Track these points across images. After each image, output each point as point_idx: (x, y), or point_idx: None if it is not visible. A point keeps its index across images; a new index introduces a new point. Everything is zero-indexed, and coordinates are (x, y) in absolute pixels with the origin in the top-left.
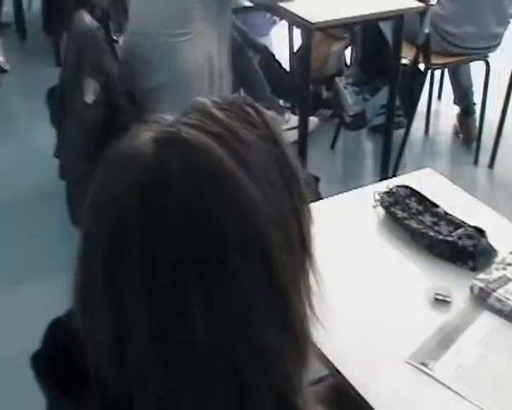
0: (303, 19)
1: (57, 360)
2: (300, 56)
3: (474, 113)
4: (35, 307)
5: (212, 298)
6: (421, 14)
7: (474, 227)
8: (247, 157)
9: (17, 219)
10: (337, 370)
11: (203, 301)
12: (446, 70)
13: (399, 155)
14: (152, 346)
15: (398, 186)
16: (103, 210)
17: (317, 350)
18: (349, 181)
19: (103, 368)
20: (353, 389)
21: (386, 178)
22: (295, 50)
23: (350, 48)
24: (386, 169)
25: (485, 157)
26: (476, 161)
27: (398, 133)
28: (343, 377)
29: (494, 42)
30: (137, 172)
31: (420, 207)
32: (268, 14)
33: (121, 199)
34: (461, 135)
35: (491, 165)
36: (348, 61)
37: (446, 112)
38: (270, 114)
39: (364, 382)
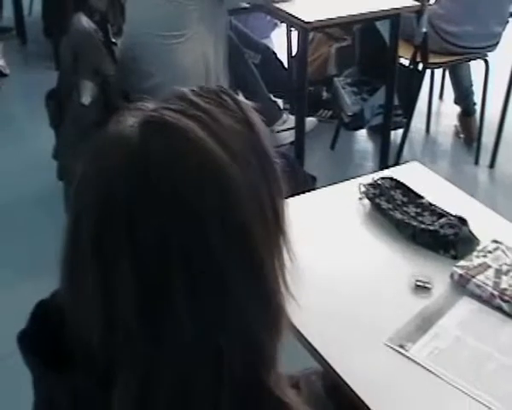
0: (298, 19)
1: (42, 337)
2: (297, 56)
3: (474, 113)
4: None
5: (192, 271)
6: (418, 13)
7: (456, 217)
8: (225, 137)
9: (16, 219)
10: (316, 350)
11: (185, 274)
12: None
13: (398, 155)
14: (137, 319)
15: (382, 178)
16: (91, 190)
17: (299, 334)
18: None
19: (90, 342)
20: (332, 369)
21: None
22: (294, 54)
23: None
24: (384, 168)
25: (485, 157)
26: (477, 161)
27: (399, 133)
28: (322, 358)
29: (493, 41)
30: (123, 154)
31: (404, 199)
32: (268, 17)
33: (108, 178)
34: (462, 135)
35: (491, 165)
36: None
37: (448, 112)
38: (244, 100)
39: (343, 362)
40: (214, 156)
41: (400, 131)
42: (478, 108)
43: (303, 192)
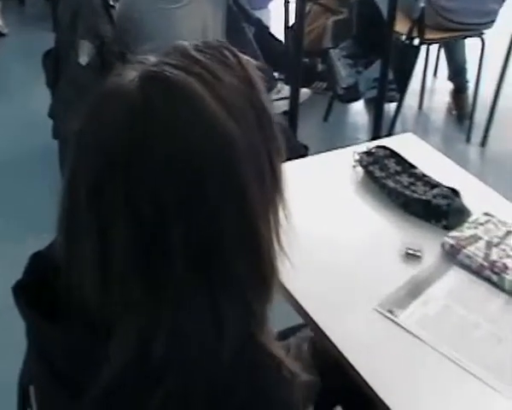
0: None
1: (37, 288)
2: (293, 27)
3: (466, 90)
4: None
5: (188, 225)
6: None
7: (449, 188)
8: (223, 94)
9: (12, 176)
10: (305, 311)
11: (181, 227)
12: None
13: (391, 129)
14: (134, 272)
15: (377, 147)
16: (90, 142)
17: (291, 297)
18: None
19: (86, 294)
20: (319, 329)
21: None
22: (291, 25)
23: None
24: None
25: (477, 135)
26: (468, 139)
27: (392, 108)
28: (313, 322)
29: (489, 18)
30: (123, 108)
31: (398, 168)
32: None
33: (107, 131)
34: (454, 112)
35: (483, 143)
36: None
37: (441, 89)
38: (246, 58)
39: (332, 324)
40: (212, 113)
41: (393, 106)
42: (472, 85)
43: (295, 159)
